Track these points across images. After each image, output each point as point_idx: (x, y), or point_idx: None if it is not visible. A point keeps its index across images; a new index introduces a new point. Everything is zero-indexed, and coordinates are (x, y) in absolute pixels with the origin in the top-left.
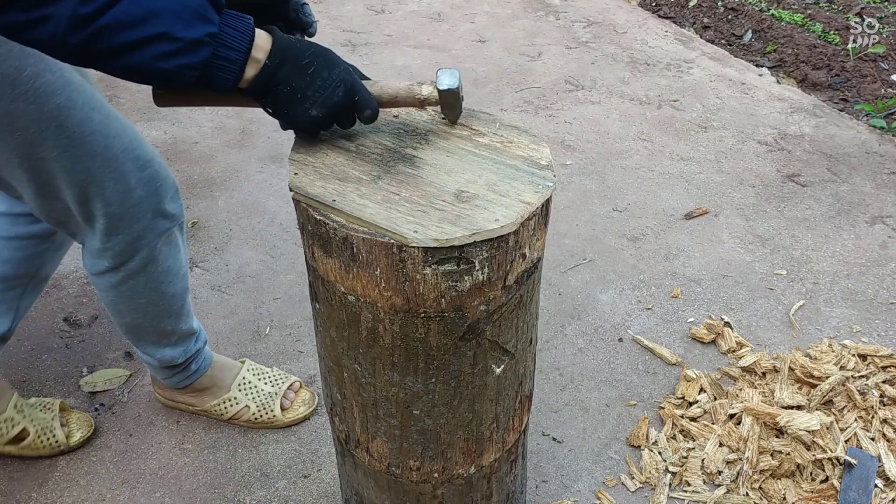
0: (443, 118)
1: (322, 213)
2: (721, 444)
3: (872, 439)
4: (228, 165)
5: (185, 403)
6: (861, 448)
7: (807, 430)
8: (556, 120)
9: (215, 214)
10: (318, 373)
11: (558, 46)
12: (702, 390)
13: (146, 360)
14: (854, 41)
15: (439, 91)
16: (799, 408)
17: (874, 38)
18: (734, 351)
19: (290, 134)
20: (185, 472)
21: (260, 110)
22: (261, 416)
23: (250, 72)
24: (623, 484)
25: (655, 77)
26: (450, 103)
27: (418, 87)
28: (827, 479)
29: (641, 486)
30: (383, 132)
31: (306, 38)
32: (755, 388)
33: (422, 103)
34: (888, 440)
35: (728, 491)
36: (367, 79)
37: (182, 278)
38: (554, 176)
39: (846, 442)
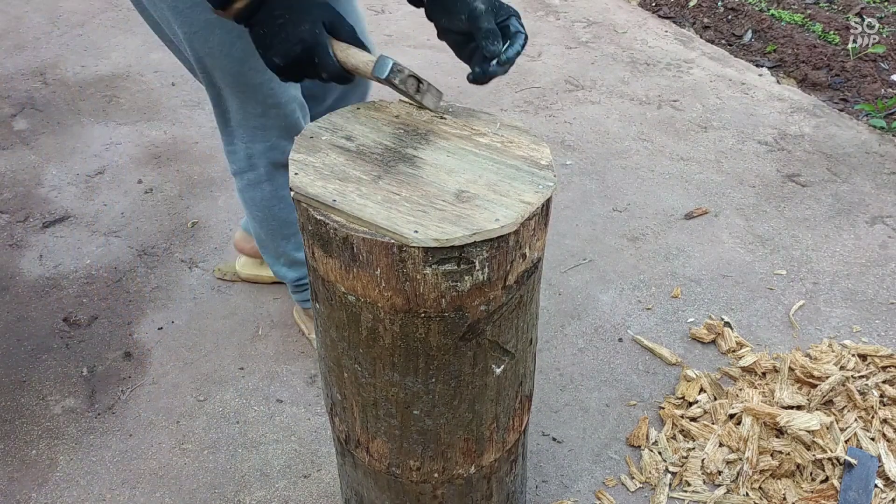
0: (441, 116)
1: (322, 213)
2: (721, 444)
3: (872, 439)
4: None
5: (303, 326)
6: (861, 448)
7: (807, 430)
8: (556, 120)
9: (215, 214)
10: (318, 373)
11: (558, 46)
12: (702, 390)
13: (275, 274)
14: (854, 41)
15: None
16: (799, 408)
17: (874, 38)
18: (734, 351)
19: None
20: (185, 472)
21: None
22: None
23: (239, 4)
24: (623, 484)
25: (655, 77)
26: (398, 90)
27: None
28: (827, 479)
29: (641, 486)
30: (384, 132)
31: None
32: (755, 388)
33: (377, 79)
34: (888, 440)
35: (728, 491)
36: (343, 38)
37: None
38: (554, 176)
39: (846, 442)
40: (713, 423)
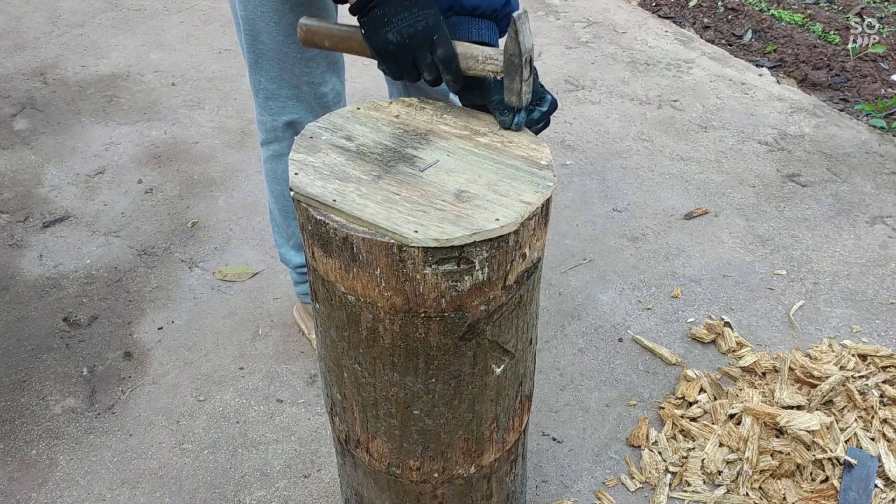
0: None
1: (322, 213)
2: (721, 444)
3: (872, 439)
4: (228, 165)
5: (303, 326)
6: (861, 448)
7: (807, 430)
8: (556, 120)
9: (215, 214)
10: (318, 373)
11: (558, 46)
12: (702, 390)
13: (280, 257)
14: (854, 41)
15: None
16: (799, 408)
17: (874, 38)
18: (734, 351)
19: None
20: (185, 472)
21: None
22: None
23: None
24: (623, 484)
25: (655, 77)
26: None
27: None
28: (827, 479)
29: (641, 486)
30: (384, 132)
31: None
32: (755, 388)
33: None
34: (888, 440)
35: (728, 491)
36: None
37: None
38: (554, 176)
39: (846, 442)
40: (713, 423)
